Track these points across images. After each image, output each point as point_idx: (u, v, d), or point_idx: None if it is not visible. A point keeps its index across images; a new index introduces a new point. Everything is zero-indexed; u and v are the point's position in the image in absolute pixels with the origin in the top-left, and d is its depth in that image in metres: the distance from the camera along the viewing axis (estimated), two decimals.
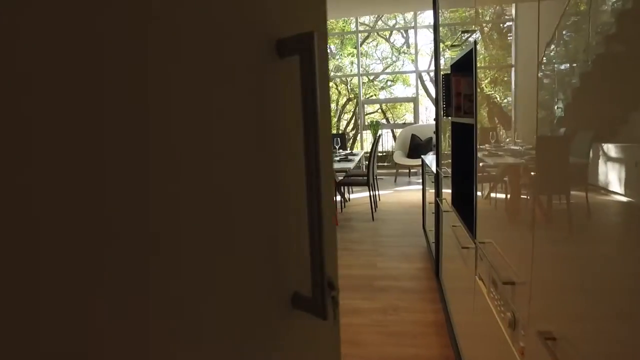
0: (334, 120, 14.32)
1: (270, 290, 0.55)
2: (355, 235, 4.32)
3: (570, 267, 0.71)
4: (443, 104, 1.92)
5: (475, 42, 1.30)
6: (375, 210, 5.30)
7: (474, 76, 1.33)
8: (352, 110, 14.29)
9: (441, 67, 2.47)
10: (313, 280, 0.55)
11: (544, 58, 0.79)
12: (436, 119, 2.58)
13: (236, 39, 0.47)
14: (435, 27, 2.51)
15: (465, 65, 1.71)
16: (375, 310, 2.65)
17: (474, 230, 1.45)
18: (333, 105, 14.18)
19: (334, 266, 0.78)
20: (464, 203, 1.88)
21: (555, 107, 0.76)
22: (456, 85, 1.78)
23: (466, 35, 1.45)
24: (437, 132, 2.59)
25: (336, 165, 4.70)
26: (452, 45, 1.78)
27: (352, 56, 12.78)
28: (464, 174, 1.91)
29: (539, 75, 0.82)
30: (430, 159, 3.53)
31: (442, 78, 1.90)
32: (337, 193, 5.72)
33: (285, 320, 0.58)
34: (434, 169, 2.78)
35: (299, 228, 0.58)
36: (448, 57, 2.29)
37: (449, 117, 1.94)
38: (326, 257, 0.54)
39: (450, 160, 2.04)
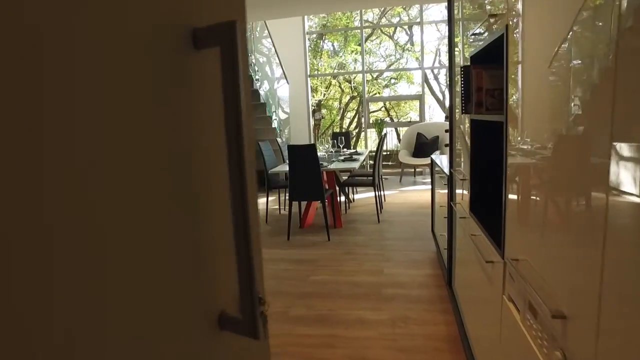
0: (337, 118, 14.15)
1: (193, 311, 0.51)
2: (360, 239, 4.14)
3: None
4: (462, 100, 1.74)
5: (507, 27, 1.12)
6: (381, 212, 5.12)
7: (505, 67, 1.14)
8: (356, 108, 14.11)
9: (456, 60, 2.29)
10: (242, 298, 0.52)
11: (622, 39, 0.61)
12: (450, 117, 2.39)
13: (140, 27, 0.41)
14: (450, 16, 2.33)
15: (489, 56, 1.53)
16: (383, 322, 2.47)
17: (502, 244, 1.27)
18: (336, 104, 14.01)
19: (262, 280, 0.73)
20: (487, 210, 1.70)
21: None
22: (477, 79, 1.60)
23: (494, 19, 1.27)
24: (450, 130, 2.40)
25: (340, 165, 4.52)
26: (474, 34, 1.60)
27: (355, 53, 12.59)
28: (486, 177, 1.73)
29: (612, 58, 0.64)
30: (441, 159, 3.35)
31: (461, 71, 1.71)
32: (342, 194, 5.54)
33: (211, 342, 0.55)
34: (446, 170, 2.60)
35: (224, 240, 0.55)
36: (466, 48, 2.11)
37: (468, 115, 1.76)
38: (256, 271, 0.52)
39: (468, 162, 1.86)
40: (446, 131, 3.05)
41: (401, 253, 3.66)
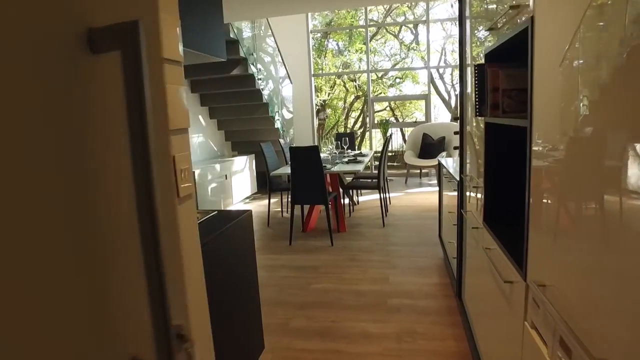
0: (342, 118, 14.00)
1: None
2: (365, 244, 4.00)
3: None
4: (475, 102, 1.60)
5: (533, 19, 0.98)
6: (386, 215, 4.98)
7: (530, 65, 1.00)
8: (360, 108, 13.96)
9: (468, 59, 2.15)
10: (156, 338, 0.44)
11: None
12: (460, 119, 2.25)
13: (15, 28, 0.32)
14: (461, 12, 2.18)
15: (507, 53, 1.38)
16: (388, 336, 2.33)
17: (524, 263, 1.13)
18: (341, 103, 13.86)
19: (184, 310, 0.63)
20: (503, 222, 1.56)
21: None
22: (492, 79, 1.46)
23: (515, 10, 1.12)
24: (461, 133, 2.26)
25: (344, 168, 4.38)
26: (490, 29, 1.46)
27: (360, 52, 12.44)
28: (502, 186, 1.59)
29: None
30: (449, 162, 3.20)
31: (475, 70, 1.57)
32: (346, 196, 5.40)
33: None
34: (456, 175, 2.45)
35: (132, 270, 0.47)
36: (475, 47, 1.96)
37: (482, 117, 1.61)
38: (172, 303, 0.44)
39: (481, 168, 1.71)
40: (455, 133, 2.91)
41: (407, 259, 3.52)
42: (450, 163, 3.17)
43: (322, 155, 5.17)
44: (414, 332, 2.36)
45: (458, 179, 2.29)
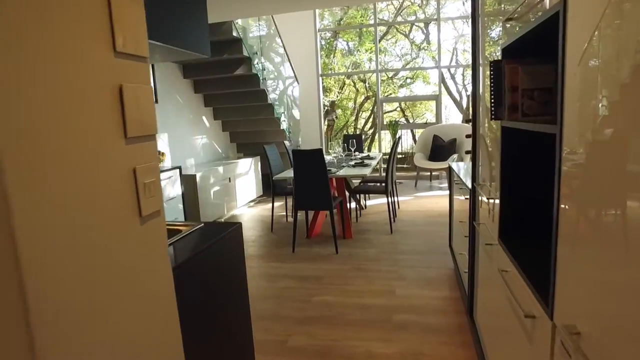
0: (352, 119, 13.80)
1: None
2: (371, 252, 3.81)
3: None
4: (491, 103, 1.40)
5: (565, 3, 0.79)
6: (394, 221, 4.78)
7: (561, 59, 0.81)
8: (371, 108, 13.74)
9: (480, 59, 1.95)
10: None
11: None
12: (473, 122, 2.05)
13: None
14: (474, 5, 1.99)
15: (529, 47, 1.19)
16: (394, 358, 2.15)
17: (551, 298, 0.93)
18: (351, 104, 13.67)
19: None
20: (523, 240, 1.37)
21: None
22: (511, 77, 1.27)
23: None
24: (473, 138, 2.06)
25: (350, 172, 4.19)
26: (508, 20, 1.27)
27: (370, 52, 12.23)
28: (522, 199, 1.40)
29: None
30: (460, 167, 3.00)
31: (490, 67, 1.38)
32: (353, 200, 5.22)
33: None
34: (468, 182, 2.26)
35: None
36: (489, 46, 1.77)
37: (499, 121, 1.42)
38: None
39: (497, 177, 1.52)
40: (467, 136, 2.71)
41: (415, 270, 3.32)
42: (462, 168, 2.96)
43: (328, 157, 5.00)
44: (421, 354, 2.16)
45: (470, 187, 2.09)
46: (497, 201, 1.51)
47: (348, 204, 4.45)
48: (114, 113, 0.89)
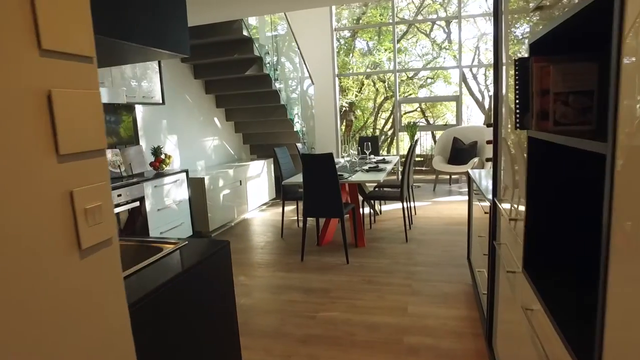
0: (371, 120, 13.55)
1: None
2: (384, 263, 3.59)
3: None
4: (515, 110, 1.18)
5: None
6: (410, 228, 4.55)
7: (616, 52, 0.60)
8: (390, 108, 13.46)
9: (503, 58, 1.72)
10: None
11: None
12: (494, 129, 1.82)
13: None
14: (496, 5, 1.76)
15: (564, 41, 0.97)
16: None
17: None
18: (370, 104, 13.40)
19: None
20: (554, 273, 1.14)
21: None
22: (540, 78, 1.05)
23: None
24: (495, 146, 1.83)
25: (363, 177, 3.98)
26: (537, 9, 1.05)
27: (389, 52, 11.95)
28: (554, 224, 1.18)
29: None
30: (480, 175, 2.75)
31: (515, 66, 1.16)
32: (367, 205, 5.00)
33: None
34: (488, 194, 2.02)
35: None
36: (513, 45, 1.54)
37: (525, 130, 1.20)
38: None
39: (523, 194, 1.30)
40: (488, 142, 2.47)
41: (430, 284, 3.09)
42: (482, 176, 2.72)
43: (341, 160, 4.80)
44: None
45: (490, 201, 1.86)
46: (522, 223, 1.29)
47: (361, 210, 4.24)
48: (39, 125, 0.72)
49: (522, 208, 1.33)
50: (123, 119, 4.04)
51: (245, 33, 4.57)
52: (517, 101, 1.16)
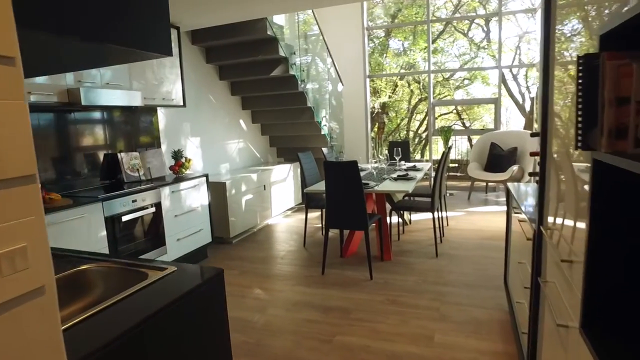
0: (405, 122, 13.16)
1: None
2: (410, 281, 3.31)
3: None
4: (577, 123, 0.91)
5: None
6: (441, 241, 4.23)
7: None
8: (425, 110, 13.01)
9: (553, 57, 1.43)
10: None
11: None
12: (541, 142, 1.53)
13: None
14: None
15: None
16: None
17: None
18: (405, 105, 13.01)
19: None
20: (625, 341, 0.86)
21: None
22: (617, 81, 0.77)
23: None
24: (542, 162, 1.53)
25: (389, 187, 3.69)
26: None
27: (424, 52, 11.53)
28: (626, 271, 0.89)
29: None
30: (521, 190, 2.43)
31: (579, 64, 0.88)
32: (396, 214, 4.72)
33: None
34: (530, 215, 1.72)
35: None
36: (563, 43, 1.25)
37: (590, 151, 0.92)
38: None
39: (584, 229, 1.02)
40: (532, 154, 2.16)
41: (461, 309, 2.79)
42: (524, 192, 2.40)
43: (369, 166, 4.54)
44: None
45: (534, 229, 1.56)
46: (580, 266, 1.01)
47: (389, 219, 3.96)
48: None
49: (579, 245, 1.05)
50: (143, 122, 3.94)
51: (269, 32, 4.39)
52: (580, 112, 0.88)
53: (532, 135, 2.01)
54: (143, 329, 1.03)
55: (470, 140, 9.82)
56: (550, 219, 1.46)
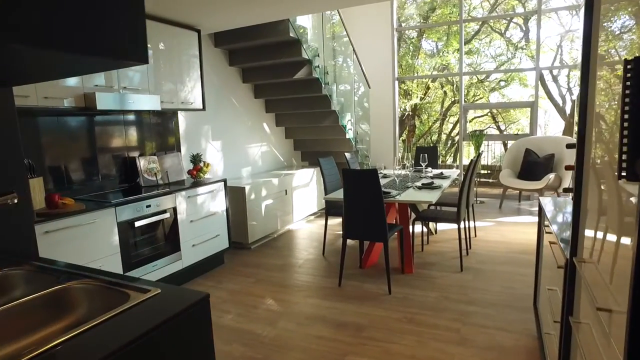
0: (437, 125, 12.79)
1: None
2: (431, 297, 3.11)
3: None
4: (621, 144, 0.74)
5: None
6: (467, 254, 4.00)
7: None
8: (459, 112, 12.62)
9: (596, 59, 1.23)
10: None
11: None
12: (578, 154, 1.33)
13: None
14: None
15: None
16: None
17: None
18: (438, 107, 12.65)
19: None
20: None
21: None
22: None
23: None
24: (577, 179, 1.34)
25: (412, 197, 3.49)
26: None
27: (459, 52, 11.16)
28: None
29: None
30: (553, 206, 2.20)
31: (626, 69, 0.71)
32: (420, 223, 4.52)
33: None
34: (563, 247, 1.52)
35: None
36: (615, 38, 1.06)
37: (638, 182, 0.74)
38: None
39: (628, 276, 0.84)
40: (567, 168, 1.95)
41: (484, 332, 2.58)
42: (556, 209, 2.18)
43: (394, 172, 4.35)
44: None
45: (566, 259, 1.36)
46: (622, 318, 0.83)
47: (411, 229, 3.76)
48: None
49: (621, 289, 0.87)
50: (163, 125, 3.93)
51: (292, 34, 4.29)
52: (625, 132, 0.71)
53: (568, 147, 1.80)
54: None
55: (505, 144, 9.41)
56: (585, 248, 1.26)
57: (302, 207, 5.51)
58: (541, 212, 2.40)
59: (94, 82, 2.96)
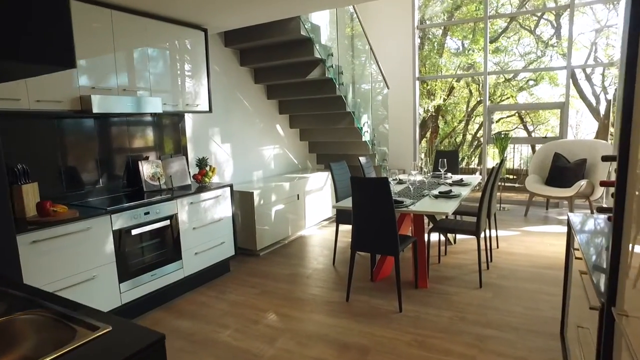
0: (461, 126, 12.37)
1: None
2: (446, 317, 2.86)
3: None
4: None
5: None
6: (488, 267, 3.71)
7: None
8: (483, 114, 12.15)
9: None
10: None
11: None
12: (619, 171, 1.08)
13: None
14: None
15: None
16: None
17: None
18: (463, 107, 12.23)
19: None
20: None
21: None
22: None
23: None
24: (617, 201, 1.08)
25: (427, 207, 3.23)
26: None
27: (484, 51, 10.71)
28: None
29: None
30: (588, 231, 1.92)
31: None
32: (438, 232, 4.24)
33: None
34: (597, 284, 1.27)
35: None
36: None
37: None
38: None
39: None
40: (602, 184, 1.68)
41: None
42: (589, 230, 1.90)
43: (411, 179, 4.10)
44: None
45: (601, 308, 1.11)
46: None
47: (429, 237, 3.50)
48: None
49: None
50: (169, 128, 3.80)
51: (303, 33, 4.09)
52: None
53: (605, 159, 1.53)
54: None
55: (533, 146, 8.96)
56: (628, 298, 1.01)
57: (315, 213, 5.32)
58: (570, 230, 2.12)
59: (91, 84, 2.84)
